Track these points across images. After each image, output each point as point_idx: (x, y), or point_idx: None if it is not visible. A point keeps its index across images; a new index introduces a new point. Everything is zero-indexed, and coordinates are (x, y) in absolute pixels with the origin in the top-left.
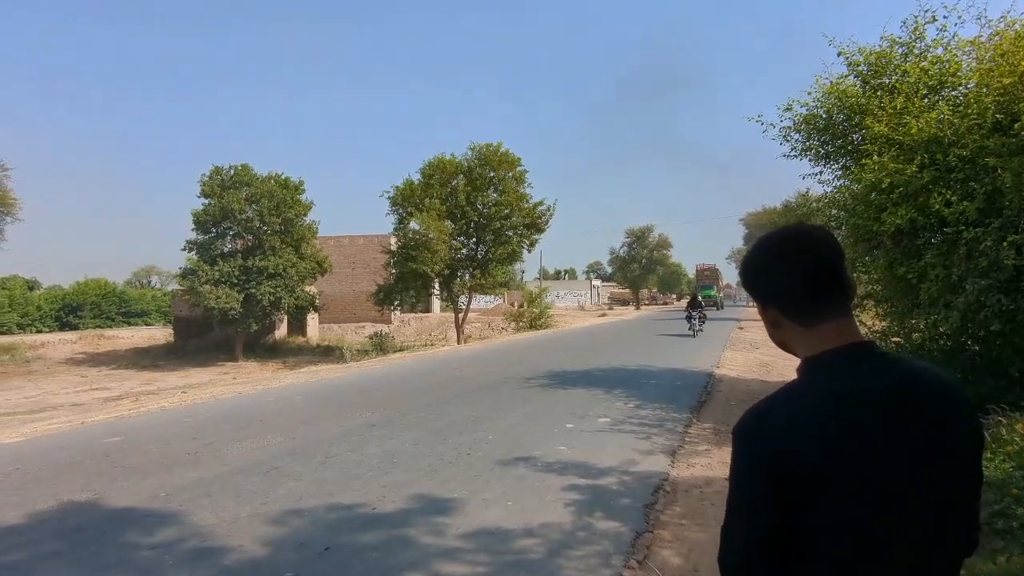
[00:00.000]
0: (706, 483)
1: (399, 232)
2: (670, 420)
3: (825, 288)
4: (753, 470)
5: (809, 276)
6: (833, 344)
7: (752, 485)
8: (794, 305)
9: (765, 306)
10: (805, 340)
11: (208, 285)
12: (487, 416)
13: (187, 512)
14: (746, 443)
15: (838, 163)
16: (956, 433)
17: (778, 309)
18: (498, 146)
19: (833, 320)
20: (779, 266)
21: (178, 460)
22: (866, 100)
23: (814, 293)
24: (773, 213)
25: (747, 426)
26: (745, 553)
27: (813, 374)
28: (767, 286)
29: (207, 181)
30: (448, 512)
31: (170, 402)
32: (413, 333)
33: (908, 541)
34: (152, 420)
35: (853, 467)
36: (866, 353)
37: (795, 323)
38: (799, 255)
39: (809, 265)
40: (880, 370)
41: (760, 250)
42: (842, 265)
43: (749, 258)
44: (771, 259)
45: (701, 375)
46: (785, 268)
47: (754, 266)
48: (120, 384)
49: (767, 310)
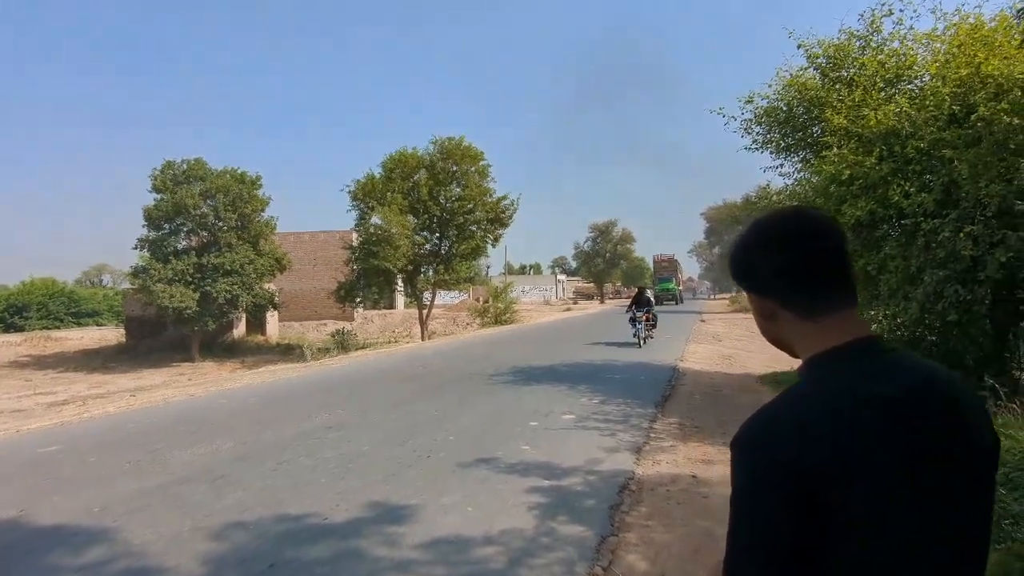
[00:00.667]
0: (672, 481)
1: (360, 227)
2: (635, 416)
3: (831, 276)
4: (763, 487)
5: (814, 262)
6: (840, 338)
7: (763, 506)
8: (796, 295)
9: (761, 296)
10: (807, 335)
11: (161, 284)
12: (449, 415)
13: (122, 528)
14: (752, 456)
15: (798, 155)
16: (983, 438)
17: (777, 300)
18: (460, 139)
19: (839, 312)
20: (780, 251)
21: (118, 470)
22: (825, 93)
23: (819, 282)
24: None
25: (752, 436)
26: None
27: (821, 373)
28: (765, 274)
29: (159, 176)
30: (404, 520)
31: (117, 406)
32: (377, 330)
33: (940, 555)
34: (95, 427)
35: (877, 477)
36: (877, 349)
37: (796, 315)
38: (803, 239)
39: (815, 250)
40: (895, 368)
41: (757, 233)
42: (848, 251)
43: (743, 242)
44: (771, 243)
45: (665, 369)
46: (787, 253)
47: (749, 251)
48: (67, 388)
49: (763, 301)
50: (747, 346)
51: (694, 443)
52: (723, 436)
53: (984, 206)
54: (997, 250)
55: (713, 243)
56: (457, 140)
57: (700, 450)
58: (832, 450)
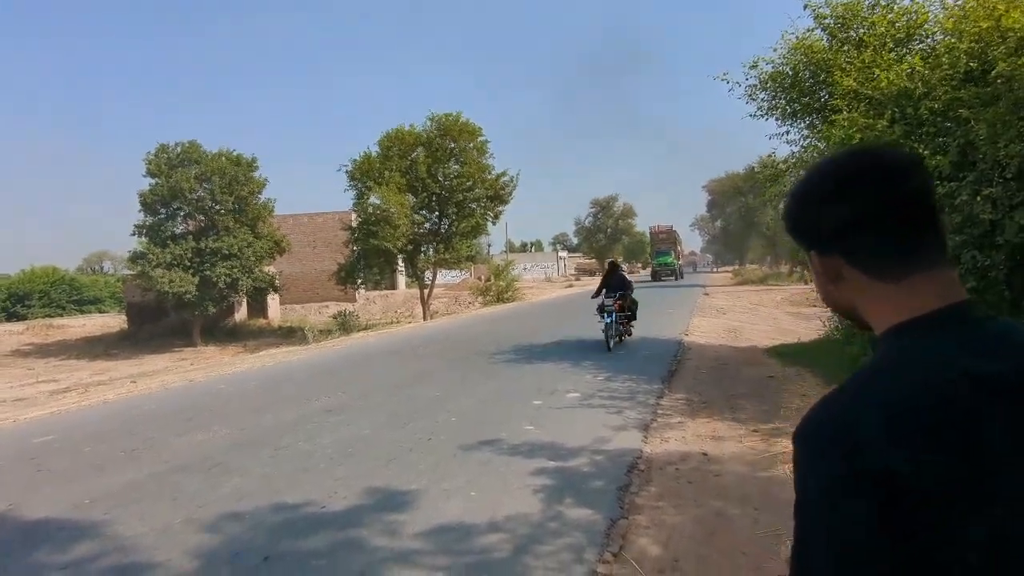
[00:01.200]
0: (681, 459)
1: (359, 208)
2: (641, 392)
3: (915, 226)
4: (846, 494)
5: (894, 209)
6: (928, 304)
7: (848, 521)
8: (871, 251)
9: (824, 253)
10: (884, 300)
11: (160, 269)
12: (451, 395)
13: (111, 521)
14: (828, 455)
15: (805, 121)
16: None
17: (845, 257)
18: (457, 116)
19: (926, 270)
20: (850, 196)
21: (112, 460)
22: (833, 55)
23: (903, 233)
24: (736, 178)
25: (825, 429)
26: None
27: (907, 347)
28: (830, 226)
29: (153, 159)
30: (405, 507)
31: (116, 393)
32: (379, 311)
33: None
34: (92, 415)
35: (999, 482)
36: (975, 317)
37: (871, 276)
38: (879, 181)
39: (896, 193)
40: (1004, 341)
41: (822, 177)
42: (934, 194)
43: (803, 189)
44: (838, 187)
45: (671, 343)
46: (859, 199)
47: (810, 199)
48: (69, 375)
49: (827, 260)
50: (751, 318)
51: (703, 419)
52: (731, 411)
53: (1003, 167)
54: (1016, 213)
55: (715, 216)
56: (454, 116)
57: (709, 426)
58: (937, 446)
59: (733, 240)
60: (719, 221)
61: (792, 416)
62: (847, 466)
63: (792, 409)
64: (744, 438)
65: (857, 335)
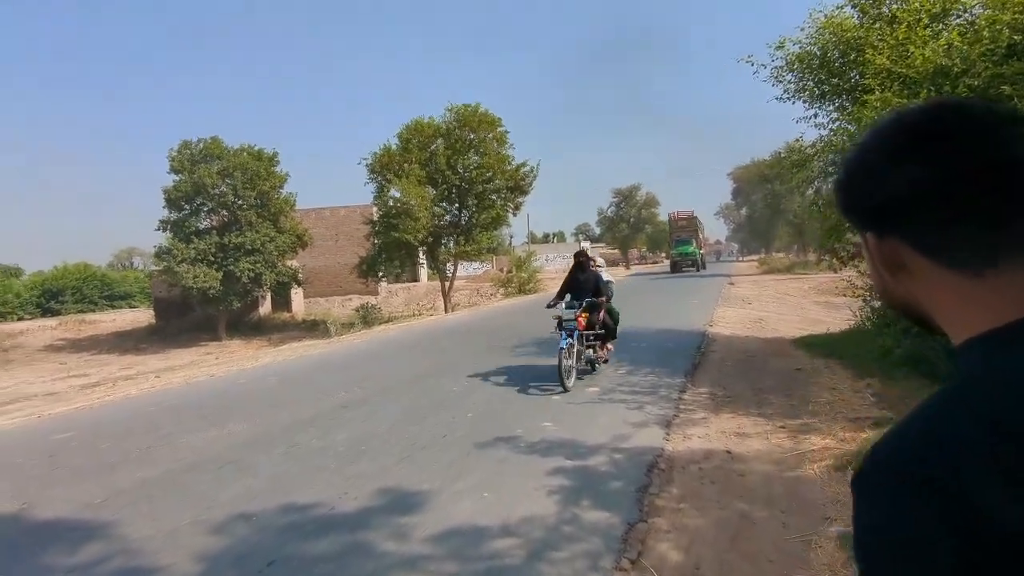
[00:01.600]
0: (704, 457)
1: (379, 201)
2: (663, 386)
3: (1014, 201)
4: (924, 541)
5: (985, 176)
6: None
7: (926, 568)
8: (949, 231)
9: (883, 234)
10: (965, 298)
11: (185, 264)
12: (468, 390)
13: (120, 522)
14: (902, 495)
15: (834, 103)
16: None
17: (910, 239)
18: (476, 106)
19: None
20: (927, 157)
21: (127, 457)
22: (865, 32)
23: (993, 209)
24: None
25: (898, 464)
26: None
27: (1001, 368)
28: (896, 194)
29: (176, 156)
30: (415, 509)
31: (139, 389)
32: (401, 303)
33: None
34: (113, 411)
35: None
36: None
37: (945, 266)
38: (968, 139)
39: (987, 156)
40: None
41: (889, 132)
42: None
43: (861, 153)
44: (911, 145)
45: (694, 335)
46: (938, 161)
47: (871, 160)
48: (100, 370)
49: (885, 241)
50: (778, 308)
51: (727, 414)
52: (757, 406)
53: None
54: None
55: (740, 204)
56: (473, 107)
57: (734, 422)
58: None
59: (759, 228)
60: (744, 209)
61: (821, 411)
62: (926, 509)
63: (821, 403)
64: (771, 435)
65: (890, 325)
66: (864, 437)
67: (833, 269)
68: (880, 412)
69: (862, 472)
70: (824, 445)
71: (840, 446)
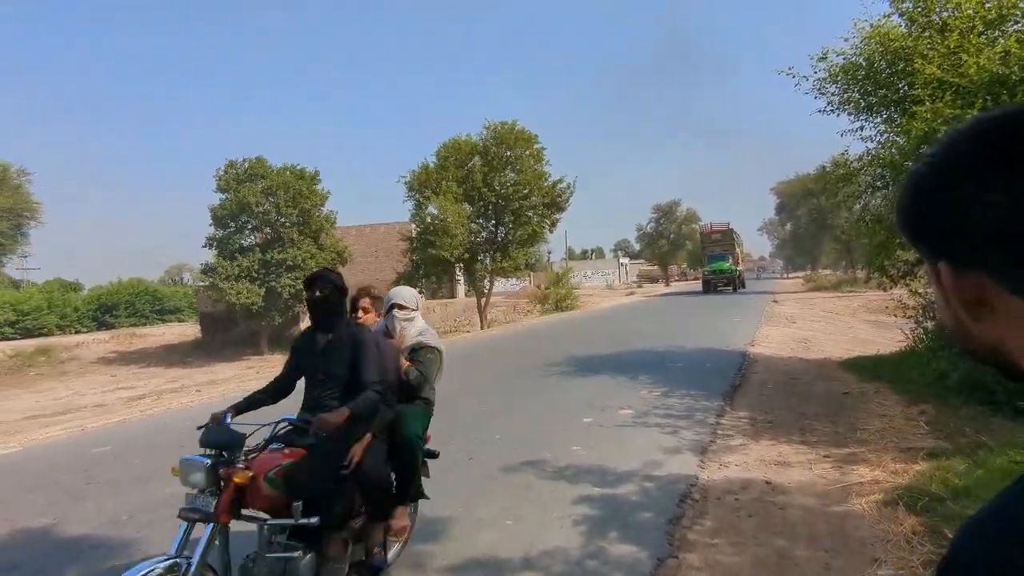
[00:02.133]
0: (742, 488)
1: (417, 218)
2: (700, 409)
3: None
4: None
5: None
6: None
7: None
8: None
9: (962, 267)
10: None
11: (229, 280)
12: (497, 411)
13: (143, 539)
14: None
15: (881, 115)
16: None
17: (996, 276)
18: (513, 124)
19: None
20: (1010, 185)
21: (158, 473)
22: (913, 41)
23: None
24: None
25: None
26: None
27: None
28: (983, 218)
29: (222, 176)
30: (435, 536)
31: (180, 403)
32: (438, 319)
33: None
34: (152, 424)
35: None
36: None
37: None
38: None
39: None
40: None
41: (974, 141)
42: None
43: (937, 161)
44: (990, 170)
45: (735, 355)
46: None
47: (950, 176)
48: (147, 382)
49: (965, 276)
50: (825, 328)
51: (767, 441)
52: (800, 433)
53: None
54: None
55: (784, 219)
56: (510, 124)
57: (774, 449)
58: None
59: (804, 244)
60: (789, 224)
61: (870, 439)
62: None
63: (870, 431)
64: (814, 464)
65: (945, 348)
66: (917, 469)
67: (883, 288)
68: (935, 442)
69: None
70: (873, 477)
71: (891, 479)
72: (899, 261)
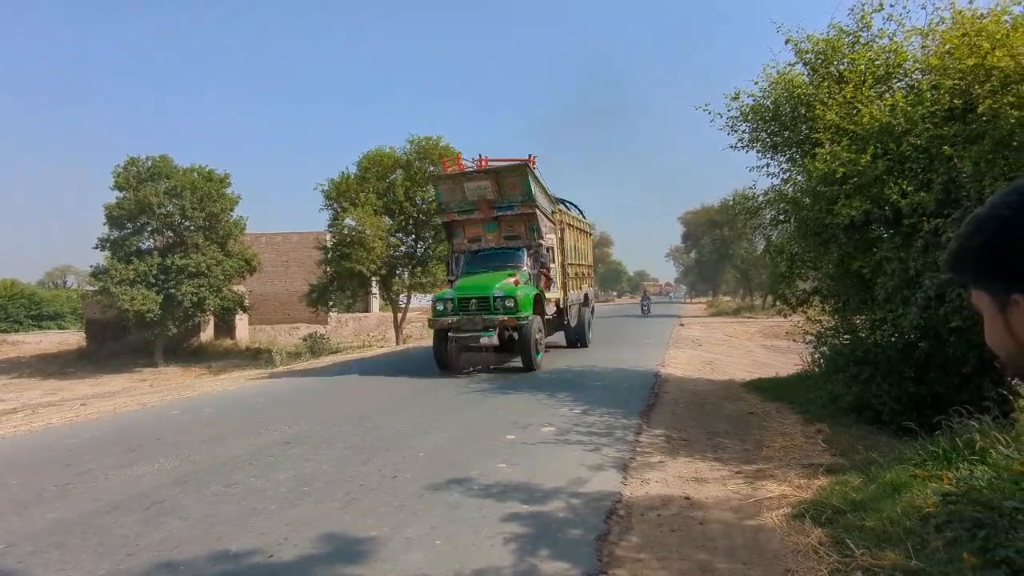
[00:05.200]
0: (663, 504)
1: (334, 228)
2: (619, 427)
3: None
4: None
5: None
6: None
7: None
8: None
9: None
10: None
11: (122, 285)
12: (420, 428)
13: (25, 571)
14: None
15: (785, 154)
16: None
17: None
18: (438, 139)
19: None
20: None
21: (40, 495)
22: (815, 89)
23: None
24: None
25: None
26: None
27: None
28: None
29: (121, 172)
30: (361, 558)
31: (62, 417)
32: (351, 334)
33: None
34: (30, 441)
35: None
36: None
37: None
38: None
39: None
40: None
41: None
42: None
43: (1004, 216)
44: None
45: (648, 375)
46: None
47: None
48: (19, 395)
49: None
50: (727, 351)
51: (683, 458)
52: (713, 450)
53: None
54: None
55: (689, 247)
56: (435, 140)
57: (691, 466)
58: None
59: (707, 271)
60: (693, 252)
61: (775, 456)
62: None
63: (775, 448)
64: (727, 480)
65: (839, 372)
66: (819, 484)
67: (783, 314)
68: (832, 458)
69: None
70: (781, 492)
71: (796, 493)
72: (798, 290)
